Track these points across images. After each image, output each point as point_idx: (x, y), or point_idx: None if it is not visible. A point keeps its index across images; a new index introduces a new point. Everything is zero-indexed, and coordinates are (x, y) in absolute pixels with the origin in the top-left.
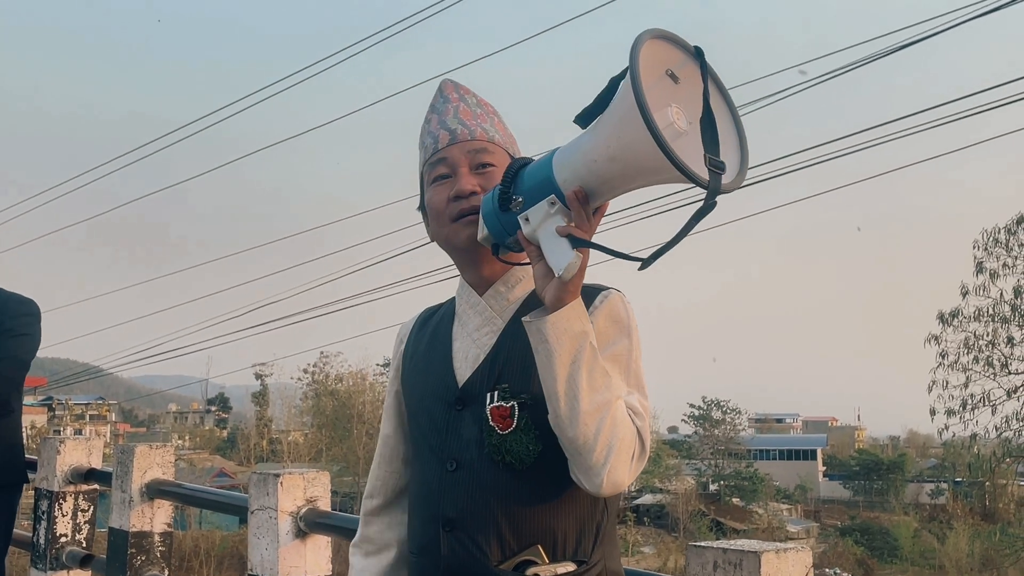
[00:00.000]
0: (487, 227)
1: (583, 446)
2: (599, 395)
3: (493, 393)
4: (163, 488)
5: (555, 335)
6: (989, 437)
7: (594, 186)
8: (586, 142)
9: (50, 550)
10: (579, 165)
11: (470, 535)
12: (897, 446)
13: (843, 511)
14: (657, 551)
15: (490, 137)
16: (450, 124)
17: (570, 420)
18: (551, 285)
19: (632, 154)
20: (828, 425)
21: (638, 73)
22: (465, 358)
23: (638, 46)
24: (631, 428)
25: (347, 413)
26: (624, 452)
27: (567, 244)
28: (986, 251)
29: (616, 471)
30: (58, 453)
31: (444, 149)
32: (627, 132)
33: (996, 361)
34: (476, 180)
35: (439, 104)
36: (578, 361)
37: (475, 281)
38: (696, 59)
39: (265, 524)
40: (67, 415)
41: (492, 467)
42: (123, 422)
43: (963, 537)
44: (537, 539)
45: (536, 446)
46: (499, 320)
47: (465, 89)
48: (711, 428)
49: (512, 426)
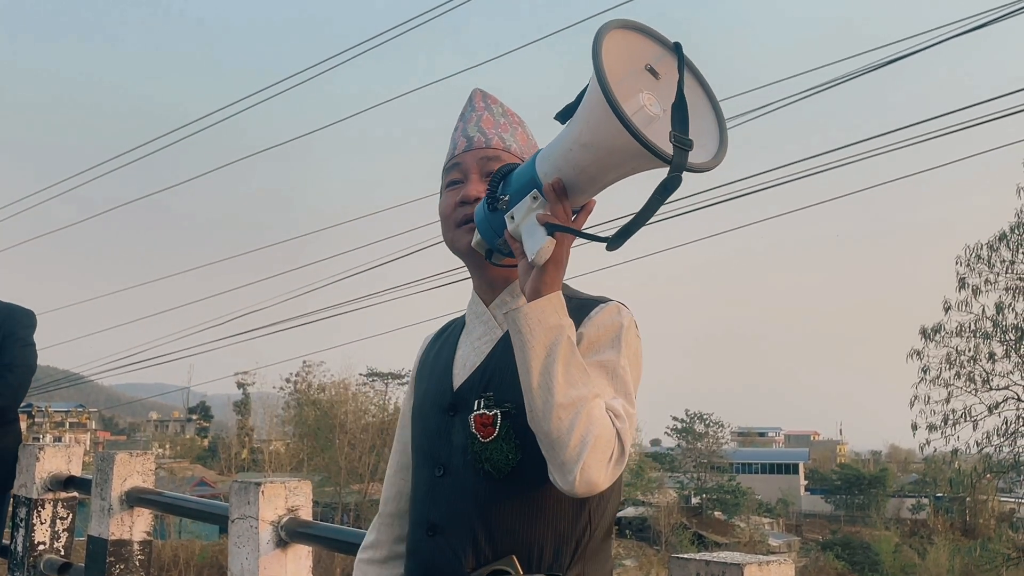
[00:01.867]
0: (479, 232)
1: (556, 440)
2: (575, 390)
3: (479, 400)
4: (143, 496)
5: (528, 325)
6: (970, 452)
7: (572, 176)
8: (564, 133)
9: (28, 558)
10: (557, 156)
11: (449, 541)
12: (879, 461)
13: (825, 525)
14: (639, 564)
15: (506, 146)
16: (470, 132)
17: (544, 413)
18: (531, 276)
19: (603, 137)
20: (810, 439)
21: (600, 52)
22: (463, 365)
23: (603, 32)
24: (609, 428)
25: (329, 423)
26: (600, 451)
27: (542, 231)
28: (968, 267)
29: (590, 469)
30: (37, 460)
31: (459, 155)
32: (595, 116)
33: (978, 377)
34: (484, 187)
35: (466, 112)
36: (553, 353)
37: (483, 289)
38: (674, 53)
39: (246, 533)
40: (47, 423)
41: (474, 474)
42: (103, 430)
43: (943, 552)
44: (513, 549)
45: (515, 456)
46: (499, 330)
47: (492, 99)
48: (694, 441)
49: (493, 435)
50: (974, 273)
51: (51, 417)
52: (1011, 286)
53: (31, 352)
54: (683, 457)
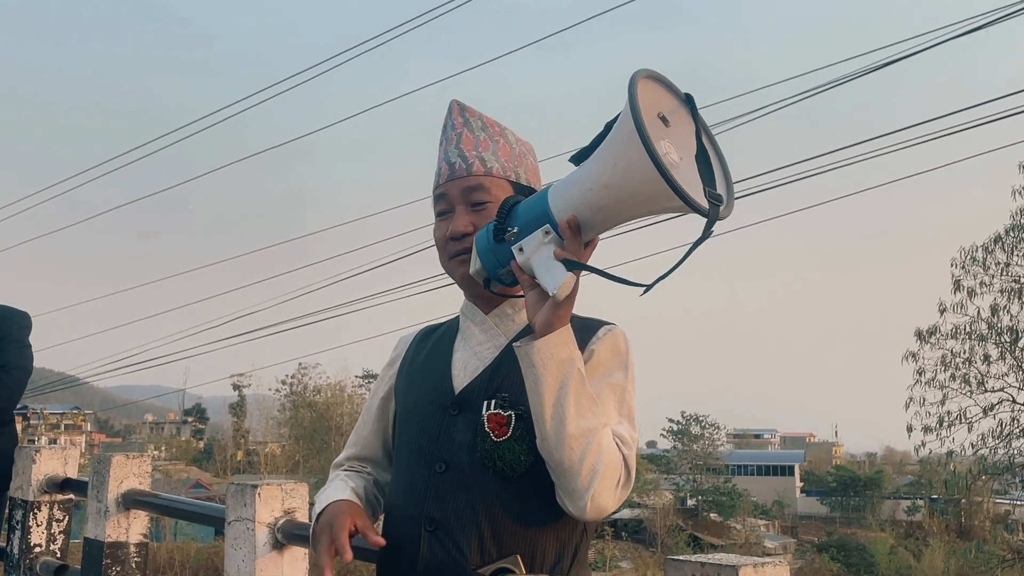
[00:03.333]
0: (481, 260)
1: (568, 470)
2: (586, 420)
3: (491, 401)
4: (139, 498)
5: (542, 360)
6: (965, 454)
7: (588, 215)
8: (582, 173)
9: (24, 560)
10: (574, 195)
11: (452, 537)
12: (874, 463)
13: (820, 527)
14: (635, 566)
15: (487, 169)
16: (451, 157)
17: (556, 443)
18: (543, 310)
19: (628, 181)
20: (806, 441)
21: (637, 102)
22: (464, 368)
23: (636, 80)
24: (617, 455)
25: (325, 425)
26: (609, 478)
27: (562, 267)
28: (963, 269)
29: (600, 496)
30: (33, 462)
31: (444, 184)
32: (624, 159)
33: (973, 379)
34: (470, 219)
35: (448, 130)
36: (565, 386)
37: (478, 300)
38: (687, 105)
39: (242, 535)
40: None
41: (482, 472)
42: (99, 432)
43: (939, 554)
44: (517, 549)
45: (528, 457)
46: (503, 338)
47: (471, 111)
48: (690, 443)
49: (507, 435)
50: (969, 275)
51: (47, 419)
52: (1006, 288)
53: (27, 354)
54: (679, 459)
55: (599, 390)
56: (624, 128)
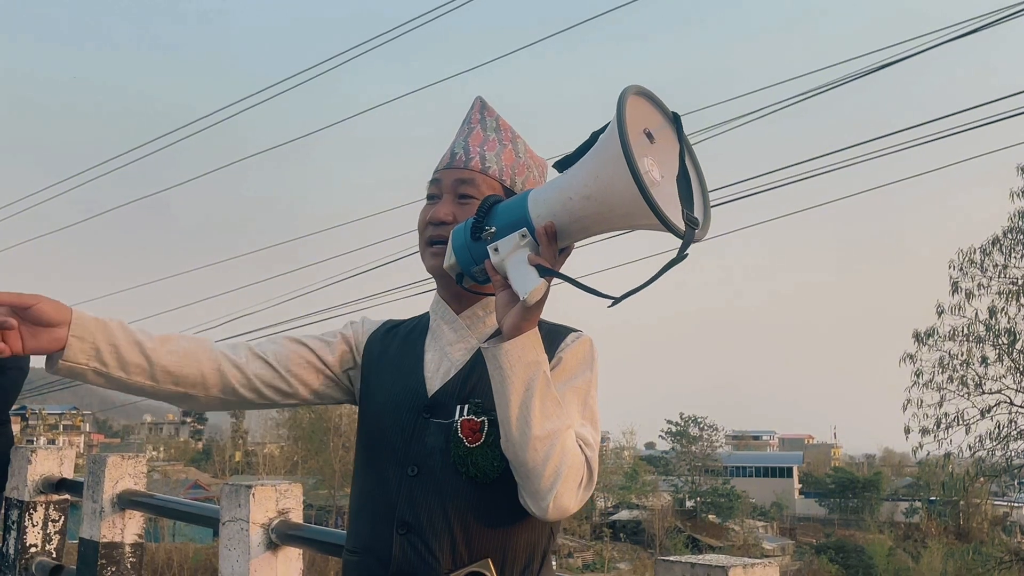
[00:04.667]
0: (455, 255)
1: (532, 471)
2: (550, 423)
3: (464, 406)
4: (135, 499)
5: (509, 363)
6: (963, 456)
7: (565, 223)
8: (564, 181)
9: (19, 560)
10: (554, 202)
11: (424, 540)
12: (872, 464)
13: (818, 529)
14: (632, 567)
15: (484, 167)
16: (456, 147)
17: (521, 445)
18: (511, 313)
19: (609, 195)
20: (804, 443)
21: (624, 121)
22: (436, 370)
23: (625, 97)
24: (580, 457)
25: (323, 426)
26: (571, 479)
27: (535, 273)
28: (961, 271)
29: (562, 497)
30: (29, 463)
31: (440, 171)
32: (607, 173)
33: (970, 381)
34: (453, 209)
35: (465, 123)
36: (531, 389)
37: (451, 297)
38: (673, 124)
39: (237, 536)
40: (40, 425)
41: (454, 477)
42: (97, 432)
43: (937, 556)
44: (488, 553)
45: (501, 463)
46: (474, 340)
47: (490, 111)
48: (688, 445)
49: (480, 440)
50: (967, 277)
51: (45, 419)
52: (1004, 290)
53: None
54: (677, 460)
55: (563, 393)
56: (610, 143)
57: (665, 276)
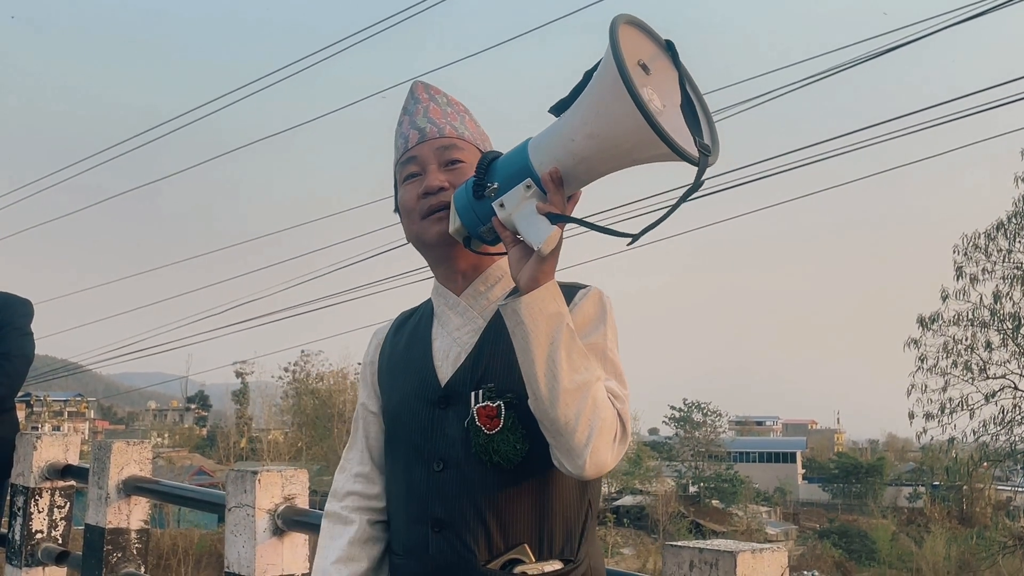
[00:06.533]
0: (460, 218)
1: (564, 427)
2: (579, 375)
3: (478, 392)
4: (140, 485)
5: (531, 316)
6: (967, 441)
7: (570, 166)
8: (563, 123)
9: (25, 546)
10: (555, 146)
11: (458, 535)
12: (876, 449)
13: (822, 514)
14: (636, 552)
15: (459, 134)
16: (419, 123)
17: (551, 401)
18: (527, 265)
19: (613, 129)
20: (808, 428)
21: (620, 47)
22: (446, 357)
23: (617, 25)
24: (612, 410)
25: (327, 412)
26: (606, 433)
27: (546, 221)
28: (966, 256)
29: (599, 452)
30: (35, 449)
31: (414, 148)
32: (607, 106)
33: (975, 365)
34: (445, 176)
35: (410, 105)
36: (556, 341)
37: (449, 280)
38: (668, 52)
39: (242, 522)
40: (45, 412)
41: (479, 467)
42: (102, 419)
43: (940, 541)
44: (524, 538)
45: (523, 445)
46: (480, 319)
47: (435, 89)
48: (692, 430)
49: (499, 426)
50: (972, 262)
51: (50, 406)
52: (1008, 275)
53: (28, 341)
54: (681, 446)
55: None
56: (607, 74)
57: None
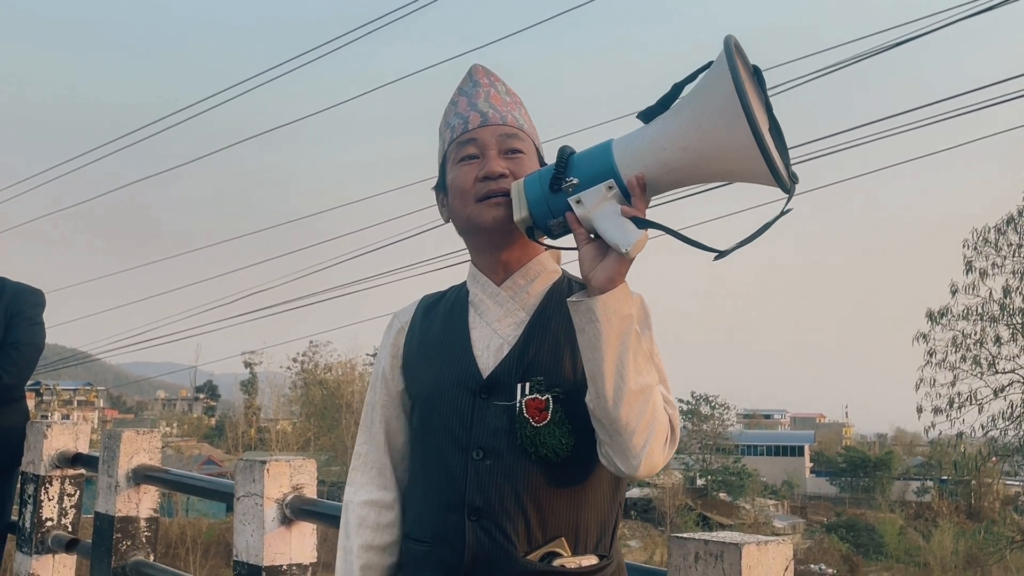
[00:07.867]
0: (529, 207)
1: (625, 427)
2: (643, 378)
3: (525, 385)
4: (149, 473)
5: (605, 315)
6: (975, 436)
7: (657, 174)
8: (655, 131)
9: (36, 534)
10: (645, 153)
11: (498, 525)
12: (884, 443)
13: (829, 507)
14: (643, 545)
15: (519, 125)
16: (481, 107)
17: (615, 401)
18: (603, 266)
19: (714, 146)
20: (816, 422)
21: (738, 66)
22: (487, 347)
23: (731, 45)
24: (665, 415)
25: (336, 403)
26: (661, 436)
27: (631, 224)
28: (975, 250)
29: (654, 454)
30: (45, 437)
31: (474, 130)
32: (714, 123)
33: (983, 360)
34: (505, 164)
35: (468, 88)
36: (626, 343)
37: (491, 269)
38: (754, 77)
39: (251, 511)
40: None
41: (523, 458)
42: (111, 408)
43: (948, 535)
44: (562, 532)
45: (570, 440)
46: (522, 312)
47: (495, 76)
48: (699, 423)
49: (547, 419)
50: (981, 256)
51: (59, 395)
52: (1018, 269)
53: (39, 331)
54: (689, 439)
55: None
56: (718, 91)
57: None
